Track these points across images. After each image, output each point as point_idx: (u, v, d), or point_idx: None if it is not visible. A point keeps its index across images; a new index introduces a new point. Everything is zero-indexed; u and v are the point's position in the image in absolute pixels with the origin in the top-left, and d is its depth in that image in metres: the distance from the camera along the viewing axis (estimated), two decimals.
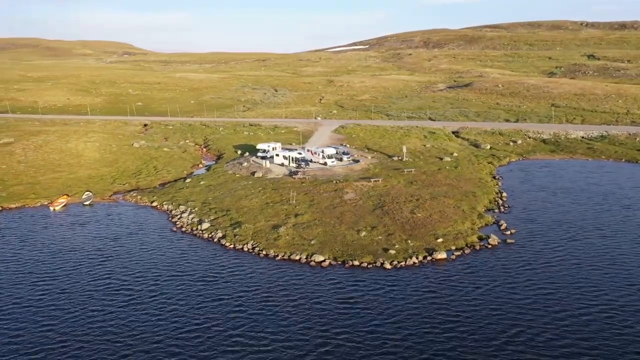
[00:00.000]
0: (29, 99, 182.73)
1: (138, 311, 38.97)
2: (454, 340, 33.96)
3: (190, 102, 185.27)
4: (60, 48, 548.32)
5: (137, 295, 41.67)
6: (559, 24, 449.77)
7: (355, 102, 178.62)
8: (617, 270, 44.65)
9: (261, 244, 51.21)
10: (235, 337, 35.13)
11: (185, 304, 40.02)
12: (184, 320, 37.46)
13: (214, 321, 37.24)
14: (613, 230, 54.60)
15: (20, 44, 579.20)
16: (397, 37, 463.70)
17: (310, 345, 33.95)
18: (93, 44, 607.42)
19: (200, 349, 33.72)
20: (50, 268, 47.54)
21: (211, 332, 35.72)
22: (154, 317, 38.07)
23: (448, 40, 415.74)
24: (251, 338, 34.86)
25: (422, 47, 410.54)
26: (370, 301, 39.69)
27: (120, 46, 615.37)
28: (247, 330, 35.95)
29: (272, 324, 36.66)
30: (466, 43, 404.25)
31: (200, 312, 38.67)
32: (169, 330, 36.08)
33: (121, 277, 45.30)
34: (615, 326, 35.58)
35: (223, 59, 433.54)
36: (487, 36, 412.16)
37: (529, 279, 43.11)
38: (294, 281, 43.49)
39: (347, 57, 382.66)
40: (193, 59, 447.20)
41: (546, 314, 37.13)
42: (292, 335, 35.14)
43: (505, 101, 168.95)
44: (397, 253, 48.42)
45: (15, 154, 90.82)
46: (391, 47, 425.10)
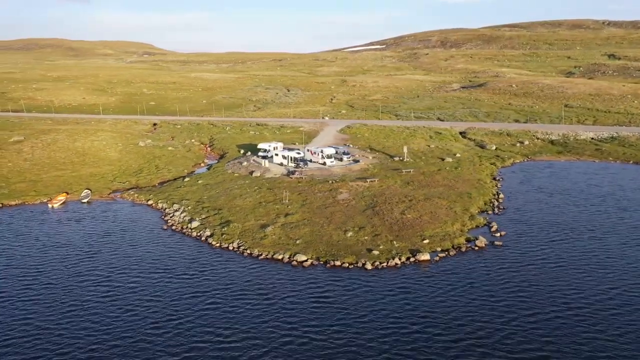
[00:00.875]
0: (46, 98, 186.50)
1: (115, 305, 39.71)
2: (419, 340, 33.77)
3: (202, 101, 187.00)
4: (82, 48, 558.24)
5: (116, 290, 42.47)
6: (580, 22, 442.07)
7: (366, 102, 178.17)
8: (599, 272, 44.01)
9: (247, 243, 51.48)
10: (205, 331, 35.60)
11: (161, 299, 40.68)
12: (157, 314, 38.08)
13: (186, 316, 37.75)
14: (604, 232, 53.69)
15: (43, 44, 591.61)
16: (414, 36, 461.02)
17: (277, 341, 34.24)
18: (114, 44, 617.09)
19: (168, 343, 34.23)
20: (38, 262, 48.74)
21: (182, 327, 36.21)
22: (129, 311, 38.74)
23: (466, 39, 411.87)
24: (219, 334, 35.23)
25: (439, 46, 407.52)
26: (343, 300, 39.65)
27: (140, 46, 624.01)
28: (218, 325, 36.42)
29: (243, 320, 37.08)
30: (484, 43, 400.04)
31: (175, 307, 39.23)
32: (141, 324, 36.74)
33: (104, 272, 46.16)
34: (583, 328, 35.23)
35: (240, 58, 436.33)
36: (505, 36, 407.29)
37: (507, 281, 42.61)
38: (272, 280, 43.66)
39: (363, 57, 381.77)
40: (210, 58, 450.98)
41: (516, 315, 36.73)
42: (260, 331, 35.48)
43: (517, 101, 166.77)
44: (381, 254, 48.21)
45: (22, 152, 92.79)
46: (408, 47, 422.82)
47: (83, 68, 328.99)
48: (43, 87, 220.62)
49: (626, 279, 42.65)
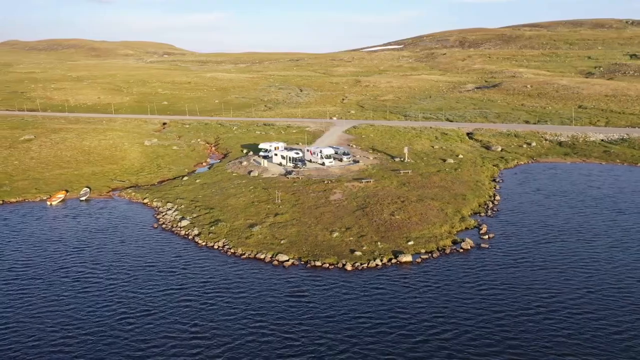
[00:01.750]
0: (62, 98, 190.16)
1: (92, 300, 40.67)
2: (383, 340, 33.67)
3: (215, 101, 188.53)
4: (104, 48, 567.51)
5: (97, 285, 43.46)
6: (602, 22, 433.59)
7: (377, 102, 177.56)
8: (580, 275, 43.56)
9: (232, 242, 51.83)
10: (174, 325, 36.27)
11: (138, 294, 41.50)
12: (132, 309, 38.95)
13: (160, 311, 38.51)
14: (595, 234, 53.08)
15: (67, 45, 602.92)
16: (432, 36, 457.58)
17: (244, 336, 34.70)
18: (135, 44, 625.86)
19: (137, 337, 34.86)
20: (28, 256, 50.11)
21: (153, 321, 36.95)
22: (105, 306, 39.62)
23: (484, 39, 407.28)
24: (185, 329, 35.84)
25: (457, 46, 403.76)
26: (317, 300, 39.76)
27: (160, 46, 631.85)
28: (187, 319, 37.15)
29: (213, 315, 37.80)
30: (503, 42, 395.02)
31: (150, 302, 40.04)
32: (115, 318, 37.60)
33: (89, 267, 47.20)
34: (550, 330, 34.91)
35: (258, 58, 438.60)
36: (525, 35, 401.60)
37: (485, 283, 42.26)
38: (249, 278, 43.96)
39: (380, 57, 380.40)
40: (228, 58, 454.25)
41: (486, 317, 36.44)
42: (228, 326, 36.09)
43: (531, 102, 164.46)
44: (363, 255, 48.08)
45: (30, 151, 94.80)
46: (426, 46, 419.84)
47: (103, 68, 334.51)
48: (61, 86, 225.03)
49: (607, 282, 42.08)
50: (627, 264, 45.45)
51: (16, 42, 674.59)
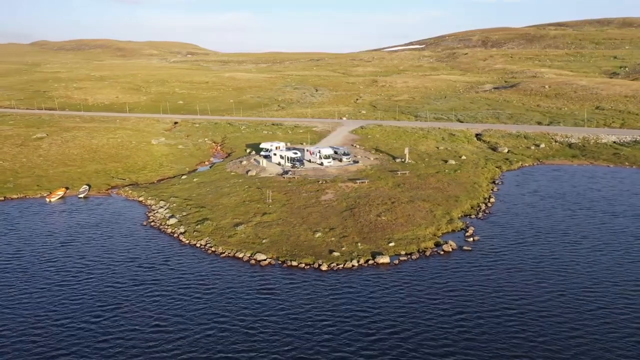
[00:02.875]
0: (81, 97, 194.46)
1: (67, 291, 42.11)
2: (341, 339, 33.54)
3: (230, 101, 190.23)
4: (129, 48, 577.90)
5: (75, 276, 44.98)
6: (631, 20, 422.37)
7: (390, 102, 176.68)
8: (555, 276, 43.16)
9: (214, 241, 52.30)
10: (139, 319, 37.36)
11: (113, 287, 42.82)
12: (104, 301, 40.26)
13: (130, 304, 39.66)
14: (581, 237, 52.31)
15: (94, 45, 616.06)
16: (455, 36, 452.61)
17: (205, 330, 35.51)
18: (160, 44, 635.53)
19: (104, 330, 35.89)
20: (17, 249, 51.98)
21: (119, 313, 38.09)
22: (80, 297, 41.04)
23: (508, 39, 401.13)
24: (149, 323, 36.71)
25: (480, 46, 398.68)
26: (283, 299, 39.97)
27: (185, 47, 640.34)
28: (154, 312, 38.23)
29: (180, 309, 38.67)
30: (527, 42, 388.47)
31: (122, 294, 41.35)
32: (83, 309, 38.97)
33: (73, 260, 48.80)
34: (511, 329, 34.79)
35: (279, 58, 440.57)
36: (550, 35, 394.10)
37: (456, 285, 41.81)
38: (224, 276, 44.39)
39: (401, 56, 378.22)
40: (250, 58, 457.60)
41: (448, 319, 36.08)
42: (191, 319, 36.97)
43: (547, 103, 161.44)
44: (341, 255, 47.98)
45: (40, 148, 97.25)
46: (448, 46, 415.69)
47: (125, 68, 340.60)
48: (83, 86, 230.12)
49: (582, 285, 41.38)
50: (608, 267, 44.53)
51: (46, 42, 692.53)
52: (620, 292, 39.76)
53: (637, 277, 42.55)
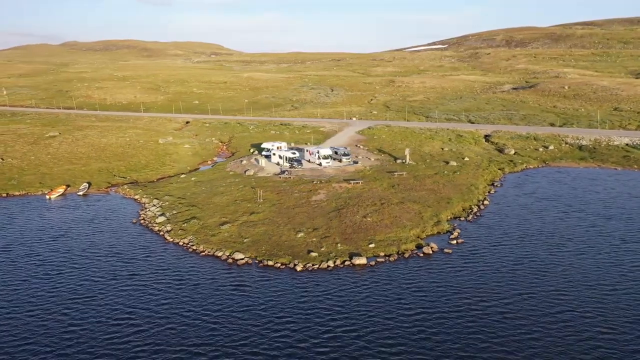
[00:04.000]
0: (101, 97, 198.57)
1: (48, 283, 43.51)
2: (294, 336, 33.76)
3: (245, 100, 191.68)
4: (155, 49, 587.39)
5: (57, 269, 46.58)
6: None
7: (404, 103, 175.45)
8: (528, 278, 42.59)
9: (197, 239, 52.86)
10: (107, 309, 38.79)
11: (90, 280, 44.18)
12: (77, 293, 41.58)
13: (100, 296, 40.98)
14: (566, 239, 51.41)
15: (121, 45, 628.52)
16: (478, 35, 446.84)
17: (170, 322, 36.57)
18: (185, 45, 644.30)
19: (70, 320, 37.23)
20: (6, 243, 53.72)
21: (94, 306, 39.28)
22: (55, 288, 42.62)
23: (533, 38, 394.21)
24: (117, 316, 37.80)
25: (503, 46, 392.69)
26: (251, 296, 40.42)
27: (209, 47, 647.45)
28: (123, 304, 39.49)
29: (148, 303, 39.65)
30: (552, 41, 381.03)
31: (97, 287, 42.60)
32: (58, 300, 40.35)
33: (59, 253, 50.23)
34: (467, 329, 34.59)
35: (300, 58, 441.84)
36: (576, 34, 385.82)
37: (424, 286, 41.47)
38: (199, 273, 44.90)
39: (422, 57, 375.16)
40: (271, 58, 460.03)
41: (410, 325, 35.65)
42: (156, 311, 38.13)
43: (564, 104, 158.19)
44: (319, 256, 47.95)
45: (50, 147, 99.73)
46: (470, 46, 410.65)
47: (148, 68, 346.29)
48: (104, 86, 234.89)
49: (553, 288, 40.75)
50: (586, 270, 43.77)
51: (75, 43, 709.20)
52: (592, 295, 39.10)
53: (613, 280, 41.73)
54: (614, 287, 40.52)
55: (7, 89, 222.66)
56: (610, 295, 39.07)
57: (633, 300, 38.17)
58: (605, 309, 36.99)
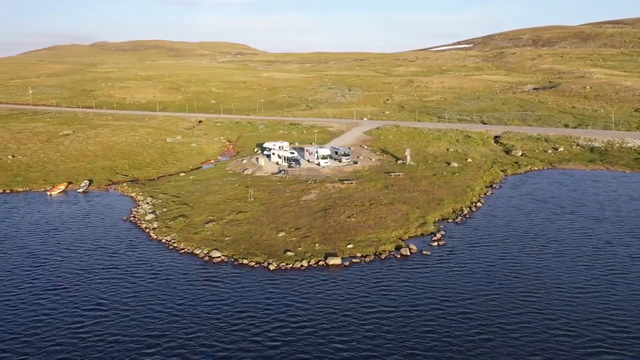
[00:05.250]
0: (121, 96, 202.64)
1: (30, 273, 45.75)
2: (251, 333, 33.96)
3: (261, 100, 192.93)
4: (181, 49, 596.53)
5: (43, 261, 48.62)
6: None
7: (420, 103, 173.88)
8: (498, 280, 42.30)
9: (179, 237, 53.53)
10: (79, 299, 40.52)
11: (68, 270, 46.16)
12: (57, 283, 43.70)
13: (72, 286, 42.78)
14: (551, 241, 50.86)
15: (149, 46, 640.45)
16: (504, 35, 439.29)
17: (136, 313, 38.10)
18: (211, 45, 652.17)
19: (44, 306, 39.31)
20: (1, 236, 55.93)
21: (65, 294, 41.12)
22: (33, 278, 44.82)
23: (560, 37, 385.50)
24: (86, 306, 39.44)
25: (530, 45, 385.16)
26: (218, 291, 41.13)
27: (235, 47, 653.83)
28: (95, 297, 40.90)
29: (119, 295, 41.17)
30: (581, 41, 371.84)
31: (73, 277, 44.70)
32: (36, 289, 42.48)
33: (47, 246, 52.44)
34: (424, 327, 34.41)
35: (324, 58, 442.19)
36: (606, 33, 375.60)
37: (392, 287, 41.30)
38: (173, 270, 45.71)
39: (446, 56, 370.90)
40: (295, 58, 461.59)
41: (368, 316, 35.94)
42: (127, 304, 39.50)
43: (583, 104, 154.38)
44: (294, 255, 48.03)
45: (61, 145, 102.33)
46: (496, 45, 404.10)
47: (173, 68, 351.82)
48: (127, 85, 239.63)
49: (524, 288, 40.35)
50: (560, 271, 43.59)
51: (105, 43, 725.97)
52: (560, 297, 38.67)
53: (585, 282, 41.10)
54: (585, 289, 39.87)
55: (34, 88, 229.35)
56: (579, 297, 38.47)
57: (600, 303, 37.53)
58: (572, 311, 36.43)
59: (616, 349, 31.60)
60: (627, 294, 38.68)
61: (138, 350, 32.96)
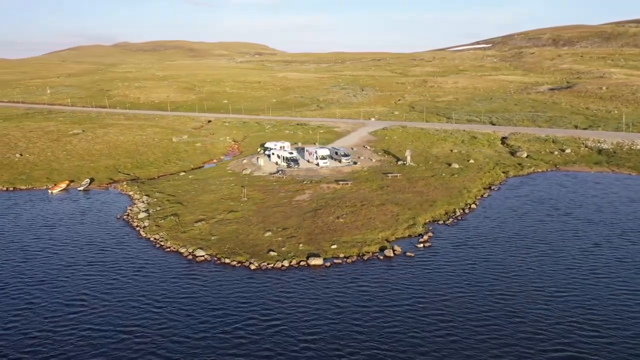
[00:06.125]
0: (135, 96, 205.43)
1: (18, 266, 47.34)
2: (219, 330, 34.22)
3: (272, 100, 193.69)
4: (201, 49, 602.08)
5: (33, 254, 50.16)
6: None
7: (432, 103, 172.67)
8: (478, 281, 42.05)
9: (167, 236, 54.03)
10: (62, 292, 41.98)
11: (52, 265, 47.37)
12: (41, 277, 44.94)
13: (55, 279, 44.35)
14: (538, 242, 50.34)
15: (169, 46, 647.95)
16: (524, 34, 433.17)
17: (114, 304, 39.59)
18: (230, 45, 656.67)
19: (25, 298, 40.75)
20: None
21: (47, 287, 42.76)
22: (19, 270, 46.45)
23: (581, 37, 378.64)
24: (68, 297, 40.83)
25: (550, 45, 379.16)
26: (194, 289, 41.65)
27: (254, 47, 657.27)
28: (76, 290, 42.08)
29: (100, 288, 42.45)
30: (602, 40, 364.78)
31: (58, 271, 46.00)
32: (23, 281, 44.05)
33: (40, 241, 53.78)
34: (386, 324, 34.16)
35: (341, 58, 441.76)
36: (628, 32, 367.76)
37: (366, 288, 41.20)
38: (156, 267, 46.29)
39: (463, 56, 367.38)
40: (313, 58, 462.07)
41: (340, 328, 35.28)
42: (105, 297, 40.39)
43: (598, 105, 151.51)
44: (277, 255, 48.12)
45: (69, 144, 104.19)
46: (515, 45, 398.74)
47: (190, 68, 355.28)
48: (144, 85, 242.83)
49: (502, 290, 39.97)
50: (542, 272, 43.15)
51: (126, 43, 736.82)
52: (536, 299, 38.21)
53: (565, 284, 40.66)
54: (564, 291, 39.47)
55: (52, 88, 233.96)
56: (555, 300, 38.06)
57: (576, 306, 37.06)
58: (545, 313, 36.16)
59: (582, 353, 31.00)
60: (606, 298, 37.96)
61: (108, 344, 33.56)
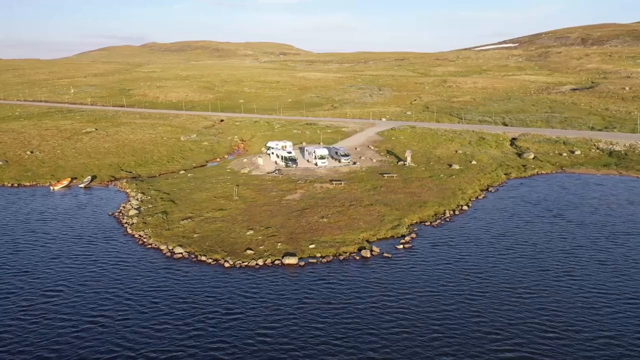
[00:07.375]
0: (155, 95, 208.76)
1: (7, 257, 49.46)
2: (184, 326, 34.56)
3: (288, 100, 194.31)
4: (226, 49, 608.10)
5: (24, 246, 52.31)
6: None
7: (446, 104, 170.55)
8: (449, 281, 41.81)
9: (151, 233, 54.78)
10: (36, 282, 43.71)
11: (36, 257, 49.34)
12: (23, 268, 47.03)
13: (39, 271, 46.05)
14: (522, 243, 50.04)
15: (195, 46, 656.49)
16: (552, 33, 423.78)
17: (93, 294, 41.30)
18: (255, 45, 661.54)
19: (7, 286, 42.59)
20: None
21: (30, 277, 44.71)
22: (13, 260, 48.64)
23: (611, 36, 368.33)
24: (44, 287, 42.74)
25: (578, 44, 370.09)
26: (168, 285, 42.52)
27: (279, 47, 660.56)
28: (57, 281, 43.77)
29: (80, 280, 44.01)
30: (633, 39, 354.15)
31: (42, 263, 47.80)
32: (4, 274, 45.78)
33: (30, 235, 56.11)
34: (344, 321, 33.49)
35: (364, 58, 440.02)
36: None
37: (333, 287, 41.30)
38: (134, 262, 47.40)
39: (487, 56, 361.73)
40: (336, 58, 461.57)
41: (293, 315, 36.15)
42: (83, 289, 41.53)
43: (619, 106, 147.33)
44: (253, 253, 48.34)
45: (80, 142, 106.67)
46: (542, 44, 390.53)
47: (213, 68, 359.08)
48: (165, 84, 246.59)
49: (471, 290, 39.50)
50: (515, 274, 43.14)
51: (154, 44, 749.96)
52: (502, 299, 37.95)
53: (535, 285, 40.32)
54: (534, 292, 39.09)
55: (77, 87, 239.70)
56: (523, 300, 37.71)
57: (542, 307, 36.65)
58: (508, 313, 35.98)
59: (535, 354, 30.34)
60: (574, 300, 37.21)
61: (70, 333, 35.01)
